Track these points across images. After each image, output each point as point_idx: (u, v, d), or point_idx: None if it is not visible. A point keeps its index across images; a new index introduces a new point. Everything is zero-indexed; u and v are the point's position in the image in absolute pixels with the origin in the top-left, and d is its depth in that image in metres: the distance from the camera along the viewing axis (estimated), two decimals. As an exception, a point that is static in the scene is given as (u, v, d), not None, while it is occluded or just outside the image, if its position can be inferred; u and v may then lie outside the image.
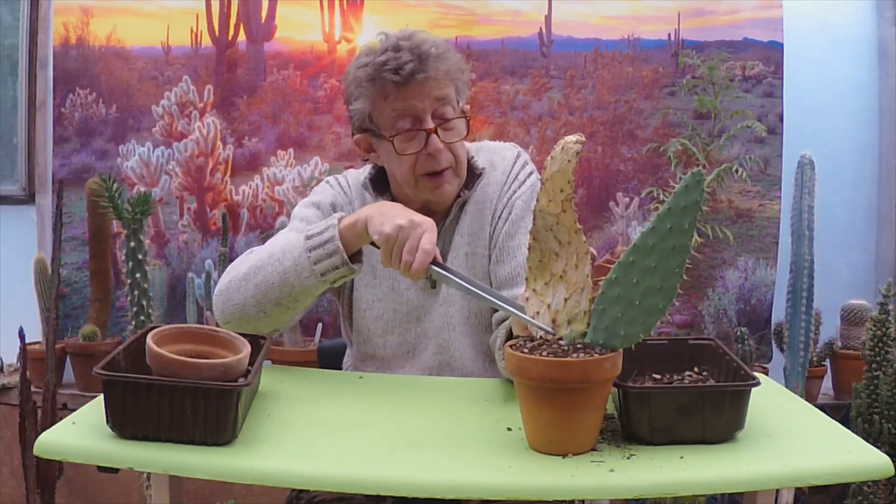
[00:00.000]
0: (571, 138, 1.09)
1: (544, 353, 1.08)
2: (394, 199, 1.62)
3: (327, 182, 1.69)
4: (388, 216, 1.36)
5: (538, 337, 1.14)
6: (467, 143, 1.65)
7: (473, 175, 1.63)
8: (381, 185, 1.64)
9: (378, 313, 1.62)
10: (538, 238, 1.14)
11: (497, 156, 1.66)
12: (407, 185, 1.57)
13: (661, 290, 1.06)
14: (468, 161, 1.63)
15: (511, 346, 1.11)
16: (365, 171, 1.68)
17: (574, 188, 1.10)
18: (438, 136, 1.52)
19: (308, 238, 1.42)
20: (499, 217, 1.61)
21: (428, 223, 1.35)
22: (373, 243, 1.40)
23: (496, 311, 1.54)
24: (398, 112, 1.52)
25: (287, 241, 1.46)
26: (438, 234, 1.61)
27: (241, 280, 1.48)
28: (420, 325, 1.62)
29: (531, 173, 1.64)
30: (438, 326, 1.61)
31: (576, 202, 1.11)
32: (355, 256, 1.43)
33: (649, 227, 1.05)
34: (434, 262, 1.33)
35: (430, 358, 1.61)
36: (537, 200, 1.12)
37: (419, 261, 1.31)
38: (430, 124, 1.52)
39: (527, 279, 1.16)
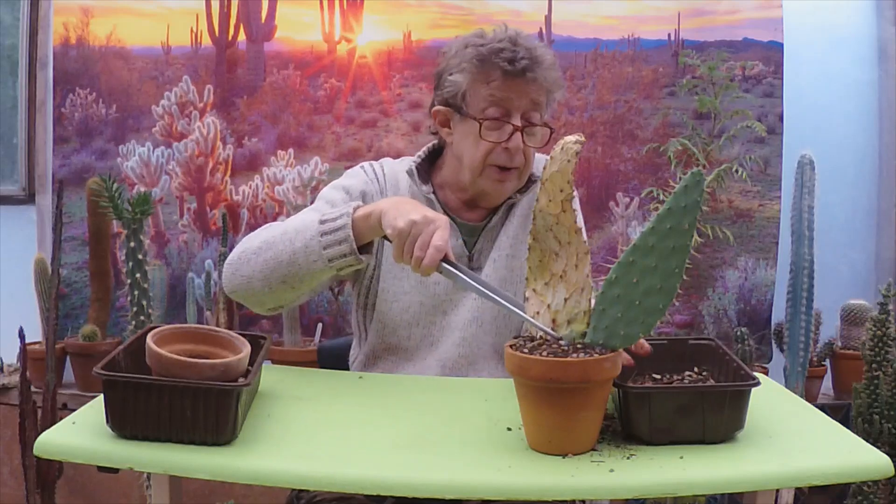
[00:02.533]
0: (571, 138, 1.09)
1: (544, 353, 1.08)
2: (435, 190, 1.64)
3: (362, 167, 1.69)
4: (403, 211, 1.36)
5: (538, 337, 1.14)
6: None
7: (529, 181, 1.65)
8: (425, 174, 1.65)
9: (405, 305, 1.63)
10: (538, 238, 1.14)
11: (539, 164, 1.68)
12: (472, 169, 1.58)
13: (660, 290, 1.06)
14: None
15: (511, 346, 1.11)
16: (403, 161, 1.70)
17: (574, 188, 1.10)
18: (522, 136, 1.55)
19: (322, 222, 1.42)
20: None
21: (442, 220, 1.34)
22: (387, 237, 1.40)
23: None
24: (493, 99, 1.55)
25: (302, 222, 1.46)
26: (481, 231, 1.65)
27: (252, 253, 1.48)
28: (446, 318, 1.63)
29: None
30: (467, 320, 1.62)
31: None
32: (366, 247, 1.43)
33: (649, 227, 1.05)
34: (445, 259, 1.32)
35: (449, 350, 1.61)
36: (537, 200, 1.12)
37: (430, 257, 1.30)
38: (518, 122, 1.55)
39: (527, 279, 1.16)
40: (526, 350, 1.10)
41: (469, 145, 1.58)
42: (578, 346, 1.10)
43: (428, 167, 1.68)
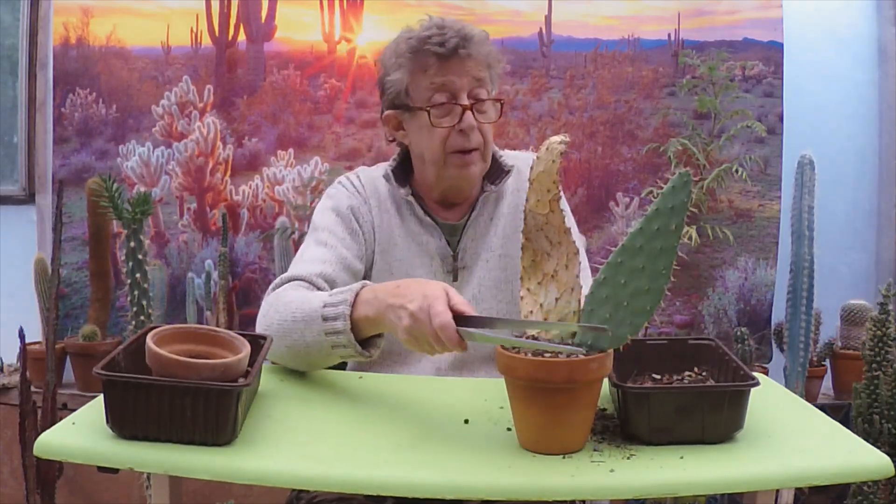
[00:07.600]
0: (556, 139, 1.09)
1: (531, 353, 1.08)
2: (414, 190, 1.64)
3: (340, 183, 1.68)
4: (399, 315, 1.24)
5: (529, 335, 1.14)
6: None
7: (501, 171, 1.65)
8: (403, 176, 1.65)
9: None
10: (530, 238, 1.14)
11: (520, 161, 1.69)
12: (435, 162, 1.58)
13: (648, 292, 1.05)
14: (496, 158, 1.66)
15: (501, 346, 1.11)
16: (378, 167, 1.69)
17: (560, 188, 1.11)
18: (473, 114, 1.55)
19: (325, 320, 1.35)
20: None
21: (433, 292, 1.20)
22: None
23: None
24: (436, 86, 1.55)
25: (309, 312, 1.37)
26: (462, 230, 1.64)
27: (276, 338, 1.41)
28: None
29: None
30: None
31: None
32: (374, 339, 1.37)
33: (637, 227, 1.05)
34: (459, 321, 1.17)
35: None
36: (526, 201, 1.13)
37: (447, 340, 1.17)
38: (466, 101, 1.55)
39: (521, 279, 1.16)
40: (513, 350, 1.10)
41: (424, 138, 1.58)
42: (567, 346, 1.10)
43: (404, 170, 1.67)
